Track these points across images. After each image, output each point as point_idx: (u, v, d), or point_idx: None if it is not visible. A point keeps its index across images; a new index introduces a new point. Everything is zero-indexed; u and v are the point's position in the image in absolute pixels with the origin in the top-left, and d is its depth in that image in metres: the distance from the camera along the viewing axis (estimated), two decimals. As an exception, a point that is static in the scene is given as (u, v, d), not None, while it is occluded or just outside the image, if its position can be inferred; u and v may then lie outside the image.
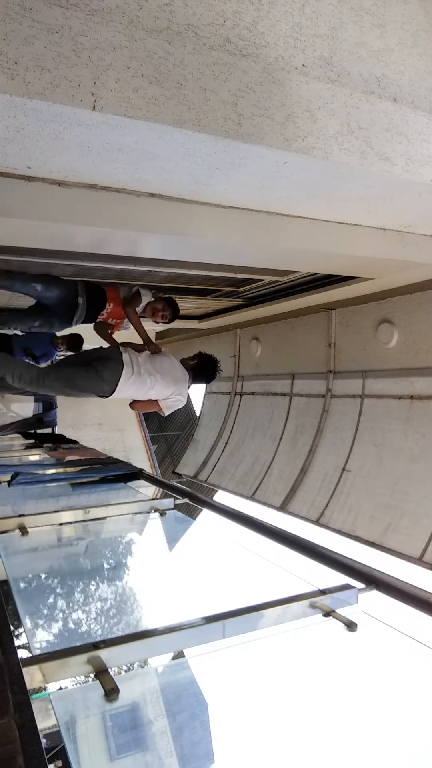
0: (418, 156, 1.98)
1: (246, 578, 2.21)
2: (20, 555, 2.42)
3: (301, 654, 1.69)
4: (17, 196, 2.05)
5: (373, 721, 1.47)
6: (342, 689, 1.57)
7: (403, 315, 4.27)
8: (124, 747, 1.40)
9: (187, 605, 2.08)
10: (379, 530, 4.23)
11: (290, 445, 5.71)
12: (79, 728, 1.29)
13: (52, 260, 3.71)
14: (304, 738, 1.42)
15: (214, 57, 1.62)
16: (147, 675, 1.70)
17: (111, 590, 2.62)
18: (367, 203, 2.39)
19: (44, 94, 1.41)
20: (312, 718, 1.49)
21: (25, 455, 5.35)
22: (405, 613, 1.59)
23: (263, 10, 1.74)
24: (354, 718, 1.46)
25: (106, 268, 4.28)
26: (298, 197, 2.32)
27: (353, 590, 1.72)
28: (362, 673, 1.63)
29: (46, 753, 0.98)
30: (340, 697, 1.55)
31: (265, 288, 5.16)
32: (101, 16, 1.46)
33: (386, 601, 1.68)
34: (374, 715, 1.49)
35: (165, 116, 1.55)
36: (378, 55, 1.96)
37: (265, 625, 1.63)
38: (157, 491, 4.06)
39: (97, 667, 1.31)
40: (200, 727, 1.49)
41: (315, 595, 1.71)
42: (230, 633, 1.55)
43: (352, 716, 1.47)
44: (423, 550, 3.84)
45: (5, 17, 1.35)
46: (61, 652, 1.33)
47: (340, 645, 1.64)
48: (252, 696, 1.58)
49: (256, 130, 1.69)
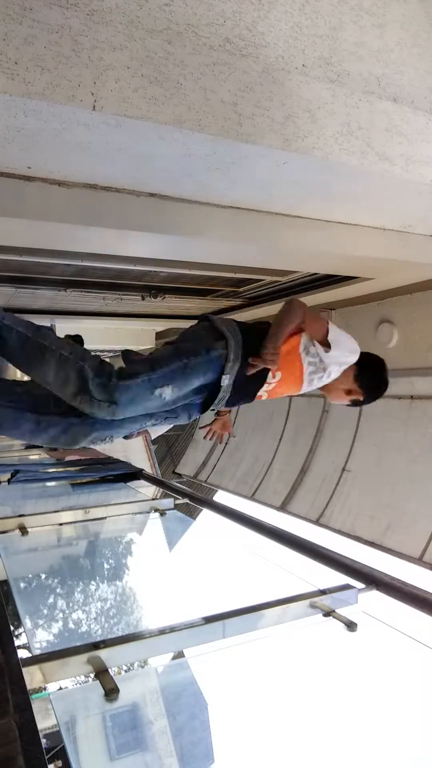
0: (418, 156, 1.98)
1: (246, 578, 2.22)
2: (20, 555, 2.42)
3: (301, 654, 1.69)
4: (17, 196, 2.04)
5: (373, 721, 1.47)
6: (342, 689, 1.57)
7: (403, 315, 4.27)
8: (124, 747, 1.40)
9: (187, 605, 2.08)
10: (379, 530, 4.24)
11: (290, 445, 5.71)
12: (79, 728, 1.29)
13: (53, 260, 3.71)
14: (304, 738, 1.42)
15: (214, 57, 1.62)
16: (147, 675, 1.70)
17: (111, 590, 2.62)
18: (367, 203, 2.38)
19: (44, 94, 1.41)
20: (312, 718, 1.49)
21: (24, 455, 5.35)
22: (405, 613, 1.59)
23: (263, 10, 1.74)
24: (354, 718, 1.46)
25: (106, 268, 4.28)
26: (298, 197, 2.32)
27: (353, 590, 1.72)
28: (362, 674, 1.63)
29: (46, 753, 0.98)
30: (340, 697, 1.55)
31: (265, 288, 5.16)
32: (101, 16, 1.46)
33: (386, 601, 1.68)
34: (374, 715, 1.49)
35: (165, 116, 1.55)
36: (378, 55, 1.96)
37: (265, 625, 1.63)
38: (157, 491, 4.06)
39: (97, 667, 1.31)
40: (200, 727, 1.49)
41: (315, 595, 1.71)
42: (230, 633, 1.55)
43: (352, 716, 1.47)
44: (423, 550, 3.84)
45: (5, 17, 1.35)
46: (61, 652, 1.33)
47: (340, 645, 1.64)
48: (252, 696, 1.58)
49: (256, 130, 1.69)
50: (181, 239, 2.57)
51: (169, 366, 1.68)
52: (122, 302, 5.68)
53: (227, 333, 1.76)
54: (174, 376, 1.67)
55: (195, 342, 1.76)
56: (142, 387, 1.64)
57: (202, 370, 1.72)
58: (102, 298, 5.59)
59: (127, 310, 6.33)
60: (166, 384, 1.66)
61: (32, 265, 3.99)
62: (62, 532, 2.71)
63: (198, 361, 1.70)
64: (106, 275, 4.58)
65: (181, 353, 1.72)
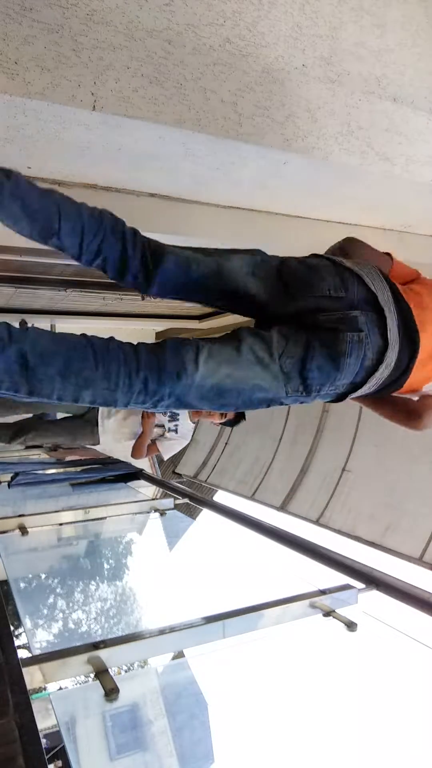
0: (418, 156, 1.99)
1: (246, 578, 2.22)
2: (20, 555, 2.42)
3: (301, 654, 1.69)
4: (17, 196, 2.04)
5: (373, 721, 1.47)
6: (342, 689, 1.57)
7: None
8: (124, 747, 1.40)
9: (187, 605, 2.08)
10: (379, 530, 4.24)
11: (290, 445, 5.71)
12: (79, 728, 1.29)
13: (53, 260, 3.71)
14: (304, 738, 1.42)
15: (214, 57, 1.62)
16: (147, 675, 1.70)
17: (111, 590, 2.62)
18: (367, 203, 2.38)
19: (44, 94, 1.41)
20: (312, 718, 1.49)
21: (25, 455, 5.34)
22: (405, 613, 1.59)
23: (263, 10, 1.74)
24: (354, 718, 1.46)
25: (106, 268, 4.27)
26: (299, 197, 2.32)
27: (353, 590, 1.72)
28: (362, 674, 1.64)
29: (46, 753, 0.98)
30: (340, 697, 1.55)
31: (265, 288, 5.15)
32: (101, 16, 1.46)
33: (386, 601, 1.68)
34: (374, 714, 1.49)
35: (165, 116, 1.55)
36: (378, 55, 1.96)
37: (265, 625, 1.63)
38: (157, 491, 4.06)
39: (97, 667, 1.31)
40: (200, 727, 1.49)
41: (315, 595, 1.71)
42: (230, 633, 1.55)
43: (352, 716, 1.47)
44: (423, 550, 3.84)
45: (5, 17, 1.35)
46: (61, 652, 1.33)
47: (340, 645, 1.64)
48: (252, 696, 1.58)
49: (256, 130, 1.69)
50: (181, 239, 2.56)
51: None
52: (122, 302, 5.68)
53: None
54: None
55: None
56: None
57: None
58: (102, 298, 5.59)
59: (127, 310, 6.33)
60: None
61: (32, 265, 3.98)
62: (62, 532, 2.71)
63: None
64: (106, 275, 4.57)
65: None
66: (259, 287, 1.43)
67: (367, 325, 1.32)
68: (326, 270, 1.40)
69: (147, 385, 1.20)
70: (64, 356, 1.13)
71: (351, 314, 1.32)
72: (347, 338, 1.29)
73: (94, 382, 1.15)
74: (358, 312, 1.33)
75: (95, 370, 1.15)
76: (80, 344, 1.17)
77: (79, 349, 1.16)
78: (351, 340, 1.29)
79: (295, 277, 1.40)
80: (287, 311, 1.38)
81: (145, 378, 1.19)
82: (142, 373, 1.19)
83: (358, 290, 1.37)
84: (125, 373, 1.17)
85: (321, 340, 1.29)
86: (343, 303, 1.34)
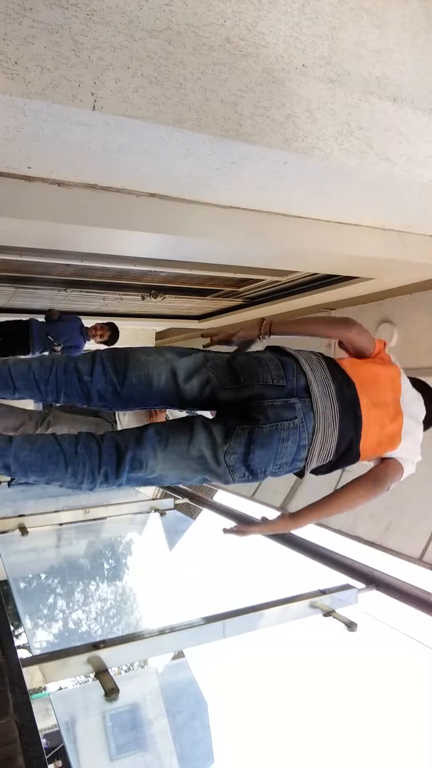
0: (418, 156, 1.98)
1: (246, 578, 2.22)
2: (20, 555, 2.42)
3: (301, 654, 1.69)
4: (17, 196, 2.04)
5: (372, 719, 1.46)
6: (342, 689, 1.57)
7: (403, 315, 4.27)
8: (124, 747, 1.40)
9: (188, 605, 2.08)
10: (379, 530, 4.23)
11: (290, 445, 5.70)
12: (79, 728, 1.29)
13: (53, 260, 3.71)
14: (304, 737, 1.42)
15: (214, 57, 1.62)
16: (147, 675, 1.70)
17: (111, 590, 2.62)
18: (367, 203, 2.38)
19: (44, 94, 1.41)
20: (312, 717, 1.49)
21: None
22: (405, 613, 1.59)
23: (263, 10, 1.74)
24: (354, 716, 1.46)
25: (106, 268, 4.28)
26: (298, 197, 2.32)
27: (353, 590, 1.72)
28: (362, 673, 1.63)
29: (46, 753, 0.98)
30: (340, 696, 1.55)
31: (265, 288, 5.16)
32: (101, 16, 1.46)
33: (386, 601, 1.68)
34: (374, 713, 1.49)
35: (165, 116, 1.55)
36: (378, 55, 1.96)
37: (265, 625, 1.63)
38: (157, 491, 4.06)
39: (97, 667, 1.31)
40: (200, 727, 1.49)
41: (315, 595, 1.71)
42: (230, 633, 1.55)
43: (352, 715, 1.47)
44: (423, 550, 3.83)
45: (5, 17, 1.35)
46: (61, 652, 1.33)
47: (340, 645, 1.64)
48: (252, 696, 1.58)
49: (256, 130, 1.69)
50: (181, 239, 2.57)
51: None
52: (122, 302, 5.69)
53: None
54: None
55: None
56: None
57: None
58: (102, 298, 5.59)
59: (126, 310, 6.33)
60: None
61: (32, 265, 3.98)
62: (62, 532, 2.71)
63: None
64: (106, 275, 4.57)
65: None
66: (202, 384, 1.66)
67: (302, 410, 1.56)
68: (270, 361, 1.64)
69: (108, 477, 1.52)
70: (40, 466, 1.49)
71: (289, 401, 1.56)
72: (285, 426, 1.54)
73: (63, 479, 1.51)
74: (296, 399, 1.57)
75: (65, 472, 1.49)
76: (54, 451, 1.49)
77: (53, 456, 1.49)
78: (288, 427, 1.54)
79: (242, 367, 1.63)
80: (237, 397, 1.60)
81: (106, 473, 1.52)
82: (103, 469, 1.51)
83: (298, 379, 1.61)
84: (89, 471, 1.50)
85: (262, 430, 1.52)
86: (283, 391, 1.57)
